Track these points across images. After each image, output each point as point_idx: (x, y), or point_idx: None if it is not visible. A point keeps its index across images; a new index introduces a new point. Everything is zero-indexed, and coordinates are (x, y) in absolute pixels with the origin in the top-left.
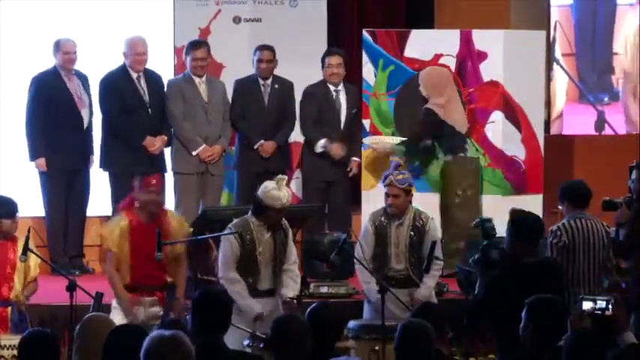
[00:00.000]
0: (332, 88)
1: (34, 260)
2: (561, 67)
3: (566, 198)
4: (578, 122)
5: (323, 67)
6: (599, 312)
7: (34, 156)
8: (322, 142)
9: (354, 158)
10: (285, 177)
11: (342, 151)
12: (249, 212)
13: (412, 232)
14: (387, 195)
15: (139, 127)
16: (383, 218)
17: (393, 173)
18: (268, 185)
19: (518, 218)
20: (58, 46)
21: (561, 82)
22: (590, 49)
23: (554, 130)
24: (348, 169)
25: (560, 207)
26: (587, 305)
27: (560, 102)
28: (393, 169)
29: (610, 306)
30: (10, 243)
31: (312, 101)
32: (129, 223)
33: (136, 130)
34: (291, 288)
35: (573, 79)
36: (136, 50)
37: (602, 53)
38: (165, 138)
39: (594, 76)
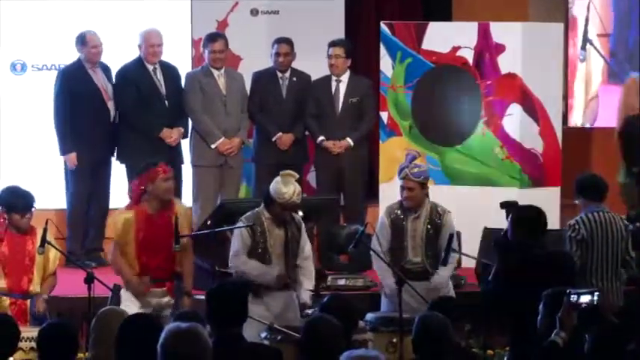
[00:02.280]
0: (334, 78)
1: (53, 253)
2: (595, 47)
3: (581, 192)
4: (611, 102)
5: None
6: (587, 305)
7: (64, 151)
8: (320, 138)
9: (348, 138)
10: (293, 173)
11: (337, 148)
12: (262, 205)
13: (429, 226)
14: (402, 188)
15: (156, 119)
16: (399, 211)
17: (408, 166)
18: (278, 178)
19: (519, 210)
20: (84, 39)
21: (596, 63)
22: (625, 29)
23: (590, 112)
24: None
25: (576, 201)
26: (574, 299)
27: (595, 83)
28: (408, 161)
29: (596, 298)
30: (29, 235)
31: (311, 95)
32: (134, 215)
33: (153, 122)
34: (305, 288)
35: (606, 60)
36: (150, 42)
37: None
38: (182, 130)
39: (628, 56)
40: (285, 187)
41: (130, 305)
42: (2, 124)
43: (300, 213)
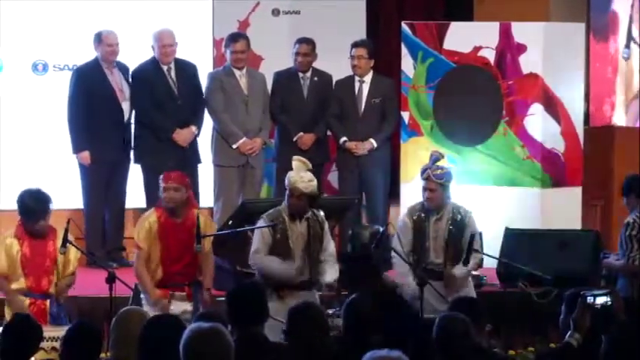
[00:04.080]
0: (357, 79)
1: (73, 253)
2: (639, 45)
3: (633, 191)
4: None
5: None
6: (600, 306)
7: (77, 149)
8: (342, 139)
9: (372, 140)
10: (305, 160)
11: (360, 150)
12: (283, 202)
13: (451, 227)
14: (424, 189)
15: (168, 119)
16: (421, 212)
17: (431, 167)
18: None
19: None
20: (100, 38)
21: (637, 62)
22: None
23: (632, 111)
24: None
25: (625, 200)
26: (590, 301)
27: (637, 81)
28: (431, 162)
29: (609, 299)
30: (50, 236)
31: (334, 95)
32: (157, 219)
33: (165, 123)
34: (329, 274)
35: None
36: (162, 42)
37: None
38: (194, 129)
39: None
40: (294, 172)
41: (151, 310)
42: (24, 124)
43: (322, 213)
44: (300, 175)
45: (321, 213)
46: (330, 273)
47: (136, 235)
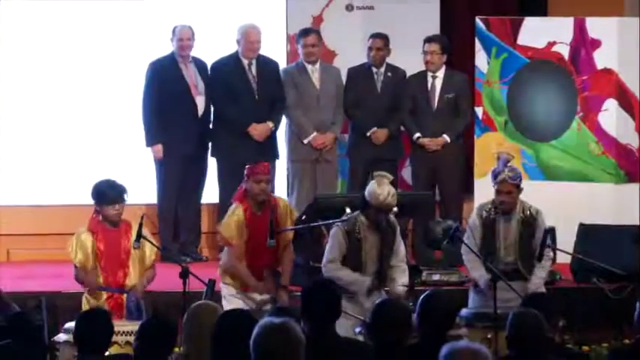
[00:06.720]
0: (429, 74)
1: (149, 247)
2: None
3: None
4: None
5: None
6: None
7: (150, 142)
8: (416, 135)
9: (445, 135)
10: (387, 174)
11: (434, 145)
12: (359, 210)
13: (522, 226)
14: (499, 192)
15: (244, 114)
16: (491, 212)
17: (504, 170)
18: (372, 181)
19: None
20: (174, 32)
21: None
22: None
23: None
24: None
25: None
26: None
27: None
28: (503, 165)
29: None
30: (124, 229)
31: (407, 91)
32: (243, 212)
33: (240, 117)
34: (398, 281)
35: None
36: (249, 39)
37: None
38: (270, 125)
39: None
40: (379, 188)
41: (232, 300)
42: (101, 117)
43: (395, 209)
44: (387, 191)
45: (394, 209)
46: (400, 280)
47: (226, 232)
